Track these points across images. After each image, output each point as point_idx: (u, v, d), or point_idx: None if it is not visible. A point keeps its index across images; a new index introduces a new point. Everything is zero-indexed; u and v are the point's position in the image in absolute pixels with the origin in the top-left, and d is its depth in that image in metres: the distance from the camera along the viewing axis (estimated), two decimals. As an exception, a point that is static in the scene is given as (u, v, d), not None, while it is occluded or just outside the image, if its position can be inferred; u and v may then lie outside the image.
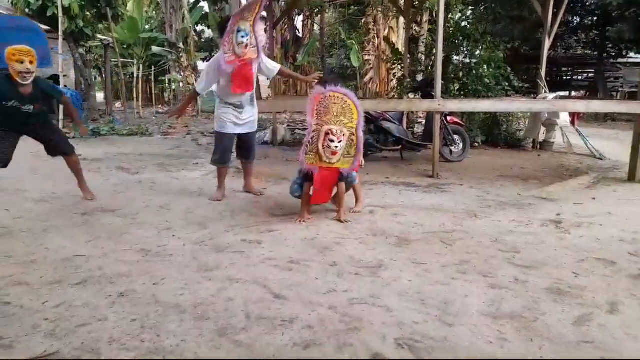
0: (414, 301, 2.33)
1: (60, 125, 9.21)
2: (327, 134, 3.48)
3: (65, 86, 10.03)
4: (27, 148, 4.01)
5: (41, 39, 3.84)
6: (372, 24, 15.29)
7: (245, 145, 4.46)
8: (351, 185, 3.88)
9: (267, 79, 4.32)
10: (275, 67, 4.38)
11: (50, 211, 3.84)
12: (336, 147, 3.48)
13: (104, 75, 16.13)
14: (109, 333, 1.99)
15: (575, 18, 16.89)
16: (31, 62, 3.56)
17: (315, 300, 2.33)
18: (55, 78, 9.73)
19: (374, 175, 5.51)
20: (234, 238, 3.25)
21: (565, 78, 19.57)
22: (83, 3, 10.75)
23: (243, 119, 4.26)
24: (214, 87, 4.27)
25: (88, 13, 11.33)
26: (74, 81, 14.20)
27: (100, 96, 16.75)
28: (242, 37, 3.90)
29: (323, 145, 3.50)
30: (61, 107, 9.28)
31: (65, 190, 4.37)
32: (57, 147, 4.10)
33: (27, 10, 10.88)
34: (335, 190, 3.79)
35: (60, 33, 9.50)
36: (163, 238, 3.24)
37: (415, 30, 11.46)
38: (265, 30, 15.68)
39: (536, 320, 2.15)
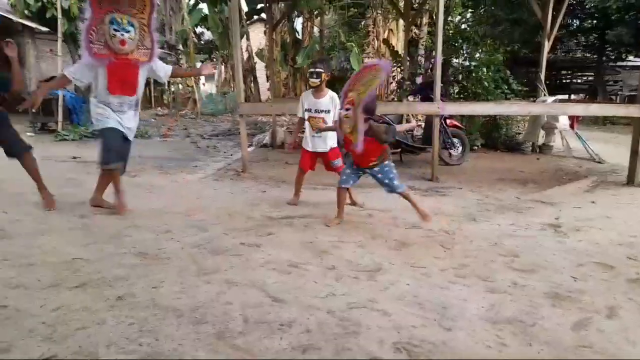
0: (412, 305, 2.33)
1: (59, 127, 9.22)
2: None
3: (65, 88, 10.02)
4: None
5: None
6: (372, 26, 15.31)
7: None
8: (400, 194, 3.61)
9: (161, 82, 3.96)
10: (168, 69, 4.03)
11: (49, 214, 3.83)
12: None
13: (103, 77, 16.13)
14: (107, 337, 1.98)
15: (574, 21, 16.97)
16: None
17: (313, 304, 2.32)
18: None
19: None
20: (233, 241, 3.25)
21: (564, 81, 19.64)
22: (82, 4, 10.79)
23: (125, 125, 3.78)
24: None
25: (88, 15, 11.37)
26: (74, 83, 14.20)
27: (99, 98, 16.73)
28: (116, 30, 3.53)
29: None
30: (60, 109, 9.29)
31: (63, 193, 4.36)
32: (10, 147, 3.80)
33: (26, 11, 10.89)
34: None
35: (59, 35, 9.53)
36: (162, 241, 3.24)
37: (414, 32, 11.48)
38: (265, 33, 15.64)
39: (535, 324, 2.15)
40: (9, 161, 3.87)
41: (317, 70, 4.01)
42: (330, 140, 4.15)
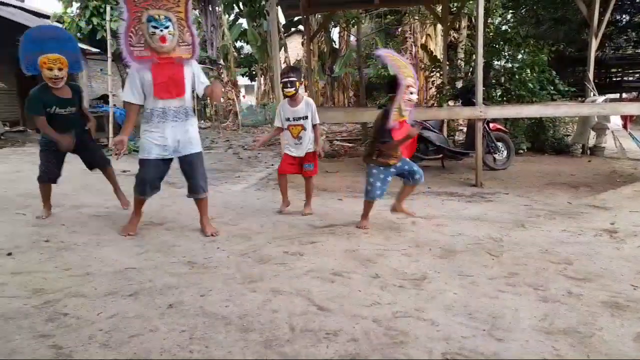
0: (460, 315, 2.27)
1: (110, 144, 9.66)
2: (407, 87, 3.46)
3: (115, 105, 10.53)
4: (79, 165, 4.23)
5: (71, 45, 4.11)
6: (409, 32, 15.23)
7: (186, 173, 3.73)
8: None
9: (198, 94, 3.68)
10: (205, 81, 3.64)
11: (103, 225, 4.02)
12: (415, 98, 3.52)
13: (149, 93, 16.85)
14: (159, 344, 2.05)
15: (624, 16, 16.18)
16: (60, 69, 3.83)
17: (359, 312, 2.31)
18: (105, 97, 10.24)
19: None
20: (276, 250, 3.29)
21: (615, 79, 18.71)
22: (130, 26, 11.32)
23: (176, 138, 3.52)
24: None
25: (135, 35, 11.92)
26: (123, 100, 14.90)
27: (146, 113, 17.46)
28: (155, 27, 3.29)
29: (404, 99, 3.47)
30: (110, 125, 9.75)
31: (116, 205, 4.56)
32: (94, 160, 4.34)
33: (78, 34, 11.53)
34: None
35: (109, 54, 10.01)
36: (208, 250, 3.32)
37: (453, 36, 11.32)
38: (302, 44, 15.84)
39: (593, 335, 2.05)
40: (65, 178, 4.11)
41: (291, 79, 4.06)
42: (307, 146, 4.25)
